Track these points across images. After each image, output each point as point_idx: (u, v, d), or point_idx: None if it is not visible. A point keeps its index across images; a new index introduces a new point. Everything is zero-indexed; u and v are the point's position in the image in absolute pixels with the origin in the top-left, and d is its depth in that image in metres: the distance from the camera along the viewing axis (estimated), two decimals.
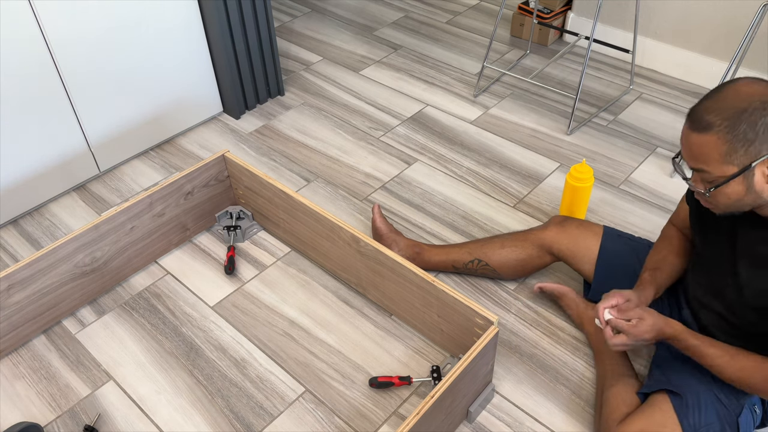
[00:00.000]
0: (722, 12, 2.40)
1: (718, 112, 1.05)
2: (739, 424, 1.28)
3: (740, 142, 1.04)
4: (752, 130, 1.03)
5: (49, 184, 2.08)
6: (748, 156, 1.05)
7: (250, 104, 2.49)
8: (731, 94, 1.05)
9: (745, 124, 1.03)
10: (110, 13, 1.95)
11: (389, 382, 1.55)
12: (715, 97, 1.07)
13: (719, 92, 1.07)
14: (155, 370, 1.63)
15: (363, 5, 3.22)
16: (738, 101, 1.04)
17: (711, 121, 1.06)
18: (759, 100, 1.03)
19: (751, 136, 1.03)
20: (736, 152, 1.05)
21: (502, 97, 2.56)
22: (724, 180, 1.08)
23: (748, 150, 1.04)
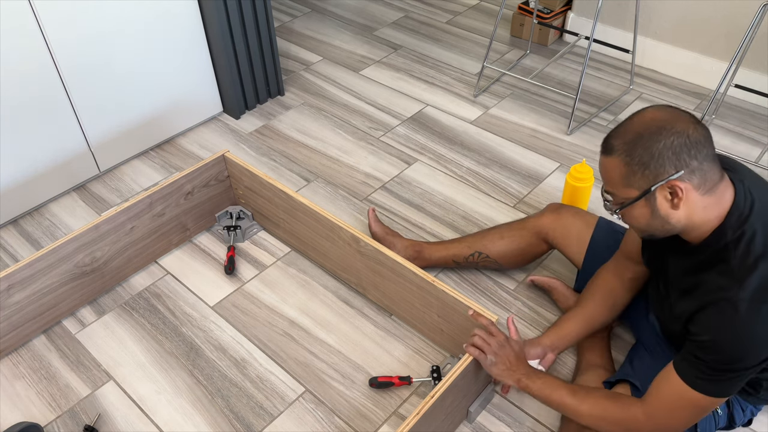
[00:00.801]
0: (722, 12, 2.40)
1: (620, 137, 1.09)
2: (697, 425, 1.28)
3: (637, 166, 1.07)
4: (647, 153, 1.05)
5: (49, 184, 2.08)
6: (646, 180, 1.07)
7: (250, 104, 2.49)
8: (636, 119, 1.09)
9: (641, 148, 1.06)
10: (110, 13, 1.95)
11: (389, 382, 1.55)
12: (625, 121, 1.11)
13: (630, 117, 1.12)
14: (155, 370, 1.63)
15: (363, 5, 3.22)
16: (639, 126, 1.08)
17: (613, 145, 1.10)
18: (656, 126, 1.06)
19: (647, 159, 1.06)
20: (635, 175, 1.08)
21: (502, 97, 2.56)
22: (629, 202, 1.11)
23: (645, 173, 1.07)
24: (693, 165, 1.05)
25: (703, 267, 1.13)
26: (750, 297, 1.05)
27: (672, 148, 1.04)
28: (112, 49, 2.02)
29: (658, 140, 1.05)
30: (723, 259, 1.09)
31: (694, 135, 1.05)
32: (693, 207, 1.09)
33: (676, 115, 1.07)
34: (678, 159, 1.05)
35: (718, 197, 1.10)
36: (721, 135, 2.32)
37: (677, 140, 1.04)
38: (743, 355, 1.06)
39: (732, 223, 1.09)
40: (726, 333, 1.06)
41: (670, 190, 1.07)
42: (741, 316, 1.05)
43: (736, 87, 2.25)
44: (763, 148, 2.25)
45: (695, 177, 1.06)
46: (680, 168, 1.05)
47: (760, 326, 1.05)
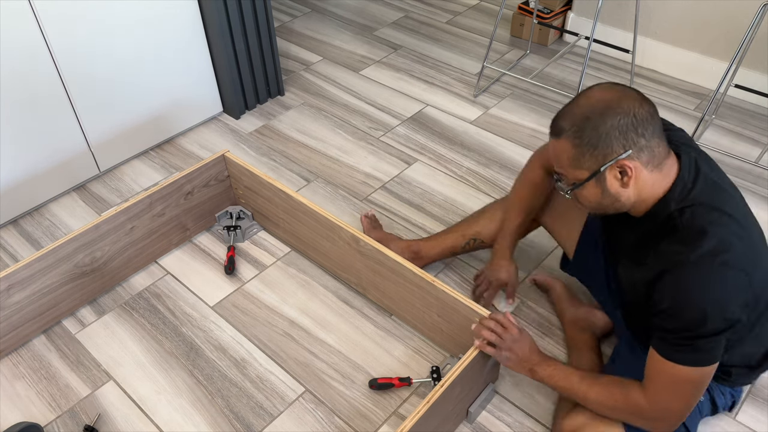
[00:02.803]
0: (722, 12, 2.40)
1: (568, 118, 1.10)
2: None
3: (586, 147, 1.08)
4: (595, 134, 1.06)
5: (49, 184, 2.08)
6: (596, 161, 1.09)
7: (250, 104, 2.49)
8: (583, 100, 1.09)
9: (589, 129, 1.07)
10: (110, 13, 1.95)
11: (389, 384, 1.55)
12: (571, 102, 1.11)
13: (577, 98, 1.12)
14: (155, 370, 1.63)
15: (363, 5, 3.22)
16: (586, 107, 1.08)
17: (562, 127, 1.10)
18: (603, 106, 1.06)
19: (595, 140, 1.07)
20: (584, 156, 1.09)
21: (502, 97, 2.56)
22: (579, 183, 1.13)
23: (594, 154, 1.08)
24: (641, 143, 1.07)
25: (652, 237, 1.14)
26: (702, 261, 1.06)
27: (619, 128, 1.06)
28: (112, 49, 2.02)
29: (605, 121, 1.06)
30: (671, 229, 1.11)
31: (640, 113, 1.06)
32: (642, 184, 1.11)
33: (623, 93, 1.08)
34: (626, 138, 1.06)
35: (665, 172, 1.12)
36: (721, 135, 2.32)
37: (624, 119, 1.06)
38: (705, 316, 1.06)
39: (675, 195, 1.12)
40: (684, 297, 1.07)
41: (619, 169, 1.09)
42: (695, 279, 1.06)
43: (736, 87, 2.25)
44: (763, 148, 2.25)
45: (644, 154, 1.08)
46: (628, 147, 1.07)
47: (716, 287, 1.06)
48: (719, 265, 1.06)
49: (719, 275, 1.06)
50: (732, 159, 2.21)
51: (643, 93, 1.14)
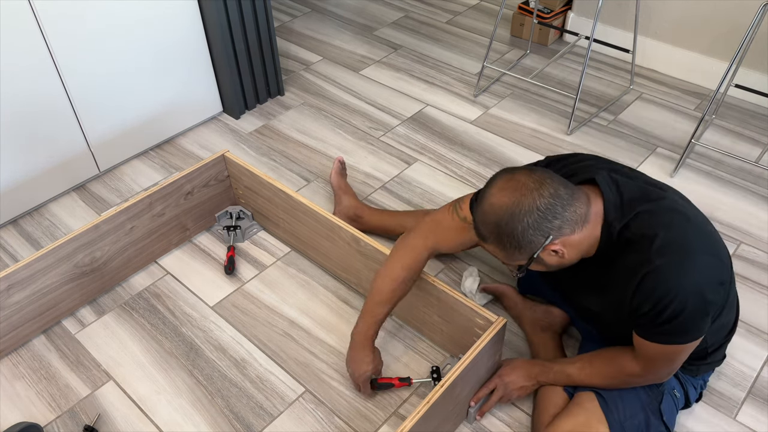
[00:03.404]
0: (722, 12, 2.39)
1: (484, 226, 1.16)
2: (662, 411, 1.33)
3: (511, 248, 1.15)
4: (513, 239, 1.13)
5: (49, 184, 2.08)
6: (525, 254, 1.16)
7: (250, 104, 2.49)
8: (488, 208, 1.15)
9: (505, 236, 1.13)
10: (110, 13, 1.95)
11: (389, 384, 1.55)
12: (480, 207, 1.17)
13: (481, 204, 1.17)
14: (155, 370, 1.63)
15: (363, 5, 3.22)
16: (492, 216, 1.14)
17: (483, 234, 1.17)
18: (507, 213, 1.12)
19: (515, 243, 1.13)
20: (514, 254, 1.16)
21: (502, 97, 2.56)
22: (522, 267, 1.20)
23: (521, 251, 1.15)
24: (556, 224, 1.12)
25: (614, 258, 1.19)
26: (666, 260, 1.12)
27: (531, 227, 1.11)
28: (112, 49, 2.02)
29: (515, 226, 1.12)
30: (625, 243, 1.17)
31: (542, 204, 1.11)
32: (578, 244, 1.17)
33: (518, 191, 1.12)
34: (541, 230, 1.12)
35: (594, 218, 1.17)
36: (721, 135, 2.32)
37: (530, 218, 1.11)
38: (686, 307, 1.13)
39: (612, 218, 1.17)
40: (662, 298, 1.13)
41: (551, 250, 1.15)
42: (667, 278, 1.12)
43: (736, 87, 2.25)
44: (763, 148, 2.25)
45: (565, 229, 1.13)
46: (548, 234, 1.12)
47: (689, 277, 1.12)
48: (684, 258, 1.13)
49: (689, 268, 1.13)
50: (732, 159, 2.21)
51: (643, 93, 1.15)
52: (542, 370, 1.43)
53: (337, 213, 1.93)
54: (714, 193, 2.09)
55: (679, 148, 2.27)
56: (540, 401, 1.43)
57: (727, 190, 2.10)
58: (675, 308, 1.13)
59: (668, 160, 2.22)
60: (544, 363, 1.44)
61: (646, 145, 2.29)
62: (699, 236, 1.17)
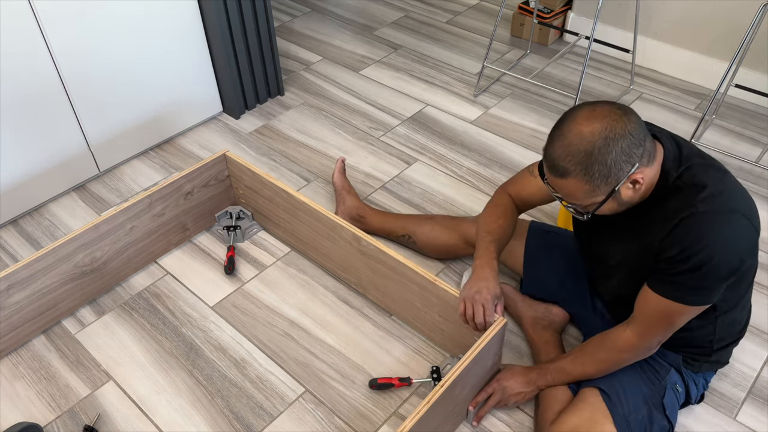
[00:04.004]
0: (722, 12, 2.39)
1: (569, 158, 1.12)
2: (665, 405, 1.34)
3: (598, 179, 1.12)
4: (604, 167, 1.11)
5: (48, 184, 2.08)
6: (609, 185, 1.14)
7: (250, 104, 2.49)
8: (575, 137, 1.12)
9: (596, 164, 1.11)
10: (110, 13, 1.95)
11: (389, 384, 1.55)
12: (562, 141, 1.14)
13: (564, 136, 1.13)
14: (155, 370, 1.63)
15: (363, 5, 3.22)
16: (583, 144, 1.10)
17: (566, 168, 1.13)
18: (600, 138, 1.10)
19: (605, 171, 1.11)
20: (598, 187, 1.14)
21: (503, 97, 2.55)
22: (596, 206, 1.18)
23: (608, 182, 1.13)
24: (640, 152, 1.12)
25: (660, 201, 1.20)
26: (709, 209, 1.13)
27: (623, 152, 1.11)
28: (112, 49, 2.02)
29: (609, 151, 1.10)
30: (676, 190, 1.18)
31: (632, 128, 1.11)
32: (648, 178, 1.17)
33: (610, 117, 1.11)
34: (630, 157, 1.11)
35: (658, 157, 1.19)
36: (722, 135, 2.32)
37: (623, 143, 1.10)
38: (713, 261, 1.13)
39: (670, 166, 1.18)
40: (695, 244, 1.13)
41: (631, 182, 1.14)
42: (705, 226, 1.13)
43: (737, 87, 2.25)
44: (763, 148, 2.25)
45: (644, 158, 1.14)
46: (634, 162, 1.12)
47: (725, 233, 1.13)
48: (725, 212, 1.14)
49: (726, 222, 1.13)
50: (732, 159, 2.21)
51: (643, 93, 1.16)
52: (539, 373, 1.44)
53: (340, 213, 1.93)
54: None
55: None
56: (543, 399, 1.43)
57: None
58: (702, 257, 1.13)
59: None
60: (541, 366, 1.45)
61: None
62: (744, 200, 1.18)
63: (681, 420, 1.49)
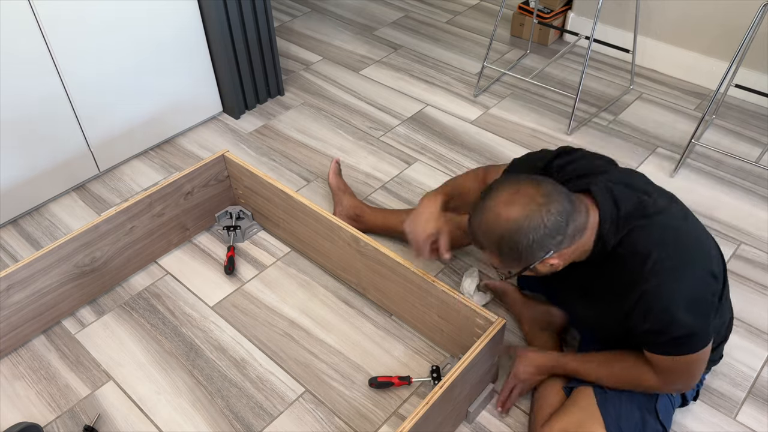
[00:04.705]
0: (722, 12, 2.39)
1: (485, 236, 1.16)
2: (658, 410, 1.34)
3: (510, 259, 1.16)
4: (515, 251, 1.13)
5: (48, 184, 2.08)
6: (523, 264, 1.17)
7: (249, 104, 2.49)
8: (492, 217, 1.14)
9: (506, 248, 1.14)
10: (110, 13, 1.95)
11: (389, 382, 1.55)
12: (481, 217, 1.16)
13: (484, 213, 1.15)
14: (155, 370, 1.63)
15: (363, 5, 3.22)
16: (498, 227, 1.13)
17: (482, 243, 1.17)
18: (515, 226, 1.11)
19: (516, 256, 1.14)
20: (511, 264, 1.18)
21: (503, 97, 2.55)
22: (514, 273, 1.22)
23: (520, 262, 1.16)
24: (558, 239, 1.13)
25: (607, 273, 1.21)
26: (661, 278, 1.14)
27: (535, 242, 1.12)
28: (112, 49, 2.02)
29: (519, 240, 1.12)
30: (618, 261, 1.18)
31: (549, 221, 1.11)
32: (573, 252, 1.19)
33: (527, 206, 1.11)
34: (544, 245, 1.12)
35: (590, 228, 1.18)
36: (722, 135, 2.32)
37: (536, 234, 1.11)
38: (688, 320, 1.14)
39: (606, 230, 1.17)
40: (661, 314, 1.14)
41: (549, 262, 1.16)
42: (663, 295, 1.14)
43: (737, 87, 2.25)
44: (763, 148, 2.25)
45: (564, 243, 1.14)
46: (549, 250, 1.13)
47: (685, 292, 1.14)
48: (678, 276, 1.14)
49: (682, 282, 1.14)
50: (732, 159, 2.21)
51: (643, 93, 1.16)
52: (555, 366, 1.43)
53: (338, 213, 1.93)
54: (714, 193, 2.09)
55: (679, 148, 2.27)
56: (537, 400, 1.44)
57: (727, 190, 2.10)
58: (680, 322, 1.13)
59: (668, 160, 2.22)
60: (558, 359, 1.43)
61: (647, 145, 2.29)
62: (690, 245, 1.18)
63: (680, 420, 1.49)
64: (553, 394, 1.41)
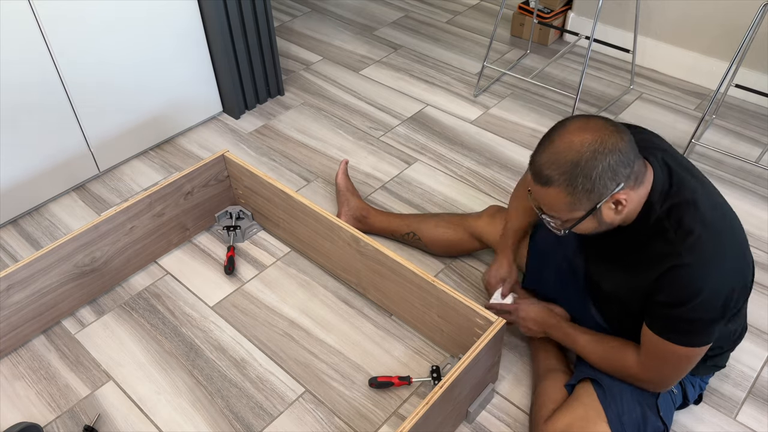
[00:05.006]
0: (722, 12, 2.39)
1: (554, 167, 1.11)
2: (659, 406, 1.33)
3: (580, 193, 1.11)
4: (588, 180, 1.09)
5: (48, 184, 2.08)
6: (591, 201, 1.13)
7: (249, 104, 2.49)
8: (564, 146, 1.11)
9: (581, 176, 1.09)
10: (110, 13, 1.95)
11: (389, 382, 1.55)
12: (550, 148, 1.13)
13: (553, 143, 1.12)
14: (155, 370, 1.63)
15: (363, 5, 3.22)
16: (571, 153, 1.09)
17: (550, 176, 1.12)
18: (589, 150, 1.09)
19: (589, 186, 1.10)
20: (580, 201, 1.12)
21: (503, 97, 2.55)
22: (575, 222, 1.17)
23: (590, 197, 1.12)
24: (627, 173, 1.11)
25: (644, 242, 1.20)
26: (695, 257, 1.12)
27: (610, 168, 1.09)
28: (112, 49, 2.02)
29: (595, 165, 1.09)
30: (661, 230, 1.16)
31: (622, 146, 1.10)
32: (632, 202, 1.16)
33: (601, 131, 1.10)
34: (616, 175, 1.10)
35: (646, 182, 1.17)
36: (722, 135, 2.32)
37: (612, 159, 1.09)
38: (705, 306, 1.13)
39: (656, 198, 1.17)
40: (685, 291, 1.13)
41: (614, 202, 1.13)
42: (694, 273, 1.12)
43: (737, 87, 2.25)
44: (763, 148, 2.25)
45: (631, 180, 1.13)
46: (620, 182, 1.11)
47: (714, 278, 1.12)
48: (714, 259, 1.13)
49: (716, 268, 1.13)
50: (732, 159, 2.21)
51: (643, 93, 1.16)
52: (554, 324, 1.45)
53: (344, 214, 1.92)
54: None
55: (679, 148, 2.27)
56: (538, 397, 1.43)
57: (727, 190, 2.10)
58: (695, 306, 1.13)
59: None
60: (559, 320, 1.45)
61: None
62: (732, 240, 1.18)
63: (681, 420, 1.49)
64: (555, 391, 1.41)
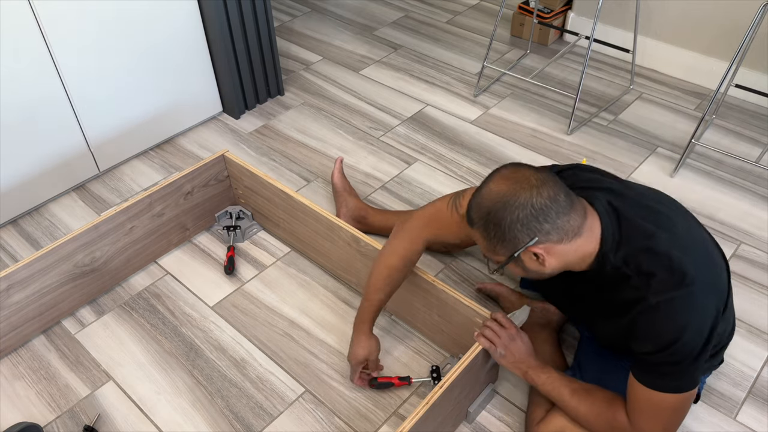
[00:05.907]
0: (722, 12, 2.39)
1: (475, 210, 1.15)
2: None
3: (494, 240, 1.13)
4: (499, 229, 1.11)
5: (48, 184, 2.08)
6: (507, 249, 1.14)
7: (249, 104, 2.49)
8: (485, 192, 1.14)
9: (491, 224, 1.12)
10: (110, 13, 1.95)
11: (389, 383, 1.55)
12: (479, 191, 1.16)
13: (482, 188, 1.15)
14: (155, 370, 1.63)
15: (363, 5, 3.22)
16: (488, 201, 1.12)
17: (472, 218, 1.16)
18: (501, 201, 1.10)
19: (500, 235, 1.12)
20: (496, 246, 1.14)
21: (503, 97, 2.55)
22: (500, 265, 1.18)
23: (503, 245, 1.13)
24: (545, 228, 1.10)
25: (608, 289, 1.19)
26: (664, 296, 1.10)
27: (519, 221, 1.09)
28: (112, 49, 2.02)
29: (504, 216, 1.10)
30: (623, 278, 1.16)
31: (538, 202, 1.09)
32: (563, 255, 1.15)
33: (518, 184, 1.10)
34: (528, 229, 1.10)
35: (587, 234, 1.15)
36: (722, 135, 2.32)
37: (522, 213, 1.09)
38: (684, 348, 1.10)
39: (609, 248, 1.15)
40: (660, 337, 1.11)
41: (533, 252, 1.13)
42: (665, 317, 1.10)
43: (737, 87, 2.25)
44: (763, 148, 2.25)
45: (553, 235, 1.11)
46: (533, 235, 1.11)
47: (686, 317, 1.10)
48: (681, 296, 1.10)
49: (685, 306, 1.10)
50: (732, 159, 2.21)
51: (643, 93, 1.14)
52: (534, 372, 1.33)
53: (343, 215, 1.92)
54: (714, 193, 2.09)
55: (679, 148, 2.27)
56: (534, 398, 1.44)
57: (727, 190, 2.10)
58: (677, 349, 1.10)
59: (668, 160, 2.22)
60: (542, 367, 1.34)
61: (647, 145, 2.29)
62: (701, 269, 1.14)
63: None
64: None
